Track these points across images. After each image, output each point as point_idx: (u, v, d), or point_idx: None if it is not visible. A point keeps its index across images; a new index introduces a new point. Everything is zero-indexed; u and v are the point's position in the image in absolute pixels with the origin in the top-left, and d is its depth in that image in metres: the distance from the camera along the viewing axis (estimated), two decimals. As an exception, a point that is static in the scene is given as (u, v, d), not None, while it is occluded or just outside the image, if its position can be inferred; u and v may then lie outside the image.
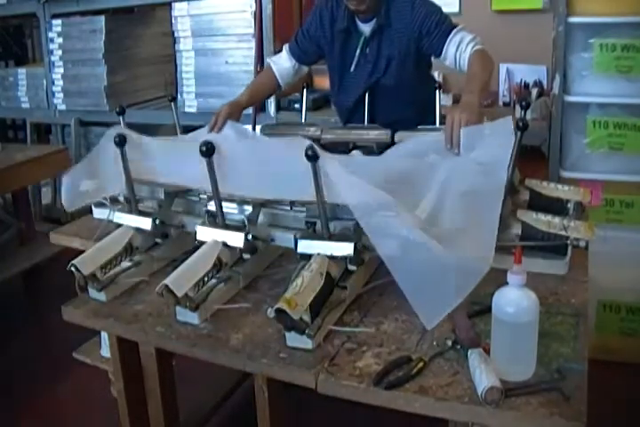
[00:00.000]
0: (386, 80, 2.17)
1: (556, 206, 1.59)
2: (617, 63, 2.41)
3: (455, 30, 2.01)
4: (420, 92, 2.21)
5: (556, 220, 1.44)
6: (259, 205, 1.47)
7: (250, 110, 3.23)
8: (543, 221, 1.44)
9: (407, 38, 2.08)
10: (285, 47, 2.30)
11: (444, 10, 3.12)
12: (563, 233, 1.41)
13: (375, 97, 2.21)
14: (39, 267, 3.38)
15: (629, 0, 2.35)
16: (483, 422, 1.06)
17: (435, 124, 2.09)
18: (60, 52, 3.77)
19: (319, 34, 2.21)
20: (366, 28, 2.12)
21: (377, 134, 2.04)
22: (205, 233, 1.44)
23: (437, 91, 2.14)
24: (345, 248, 1.30)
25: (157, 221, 1.53)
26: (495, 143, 1.48)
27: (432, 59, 2.23)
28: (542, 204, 1.60)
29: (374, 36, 2.11)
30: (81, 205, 1.75)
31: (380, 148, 2.05)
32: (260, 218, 1.48)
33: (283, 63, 2.28)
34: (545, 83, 3.12)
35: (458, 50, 1.99)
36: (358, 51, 2.14)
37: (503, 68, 3.21)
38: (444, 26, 2.02)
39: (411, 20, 2.04)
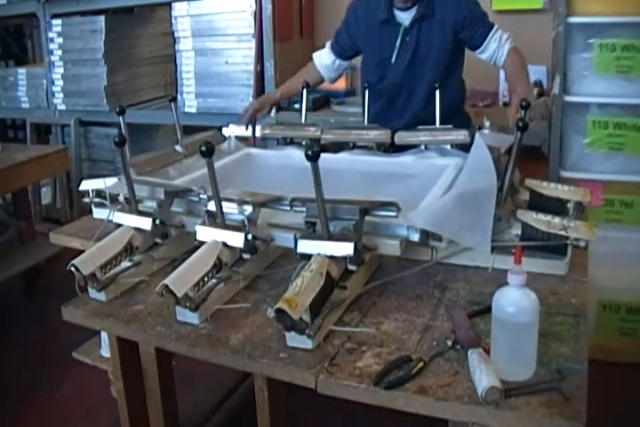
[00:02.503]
0: (424, 70, 2.22)
1: (556, 206, 1.59)
2: (617, 63, 2.41)
3: (495, 27, 2.19)
4: (452, 89, 2.27)
5: (556, 220, 1.44)
6: (259, 205, 1.47)
7: (250, 110, 3.24)
8: (543, 221, 1.44)
9: (451, 27, 2.16)
10: (327, 43, 2.43)
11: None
12: (563, 233, 1.41)
13: (411, 89, 2.27)
14: (39, 267, 3.38)
15: (629, 0, 2.35)
16: (483, 423, 1.06)
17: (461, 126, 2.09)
18: (59, 52, 3.77)
19: (354, 29, 2.29)
20: (405, 18, 2.18)
21: (377, 134, 2.04)
22: (205, 233, 1.44)
23: (437, 91, 2.13)
24: (345, 248, 1.30)
25: (157, 221, 1.52)
26: (474, 162, 1.54)
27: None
28: (542, 204, 1.60)
29: (414, 25, 2.17)
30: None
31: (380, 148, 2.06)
32: (260, 218, 1.48)
33: (324, 59, 2.42)
34: (545, 83, 3.12)
35: (497, 46, 2.18)
36: (399, 40, 2.20)
37: (503, 68, 3.21)
38: (486, 21, 2.20)
39: (455, 9, 2.15)
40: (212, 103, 3.40)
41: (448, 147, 1.94)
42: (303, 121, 2.24)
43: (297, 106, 3.02)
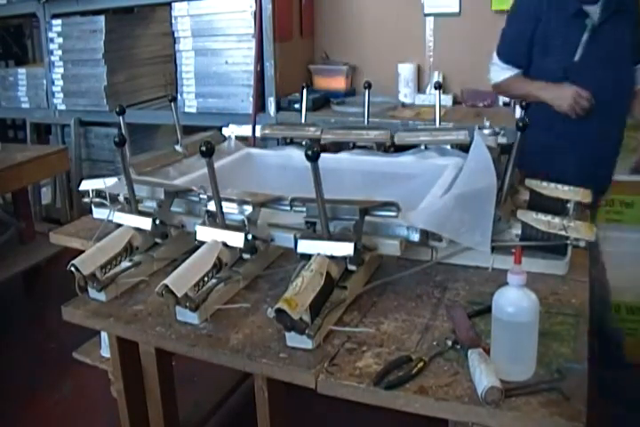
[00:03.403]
0: (620, 73, 2.00)
1: (556, 206, 1.59)
2: (617, 63, 2.40)
3: None
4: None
5: (556, 220, 1.44)
6: (259, 205, 1.47)
7: (250, 110, 3.24)
8: (543, 221, 1.44)
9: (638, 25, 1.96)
10: (493, 62, 2.18)
11: (444, 10, 3.10)
12: (563, 233, 1.41)
13: (607, 101, 1.99)
14: (39, 267, 3.38)
15: (629, 0, 2.35)
16: (483, 423, 1.06)
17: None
18: (59, 52, 3.77)
19: (535, 14, 2.01)
20: (592, 11, 1.93)
21: (377, 134, 2.04)
22: (205, 233, 1.44)
23: (438, 91, 2.13)
24: (345, 248, 1.30)
25: (157, 221, 1.53)
26: (474, 162, 1.55)
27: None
28: (542, 204, 1.60)
29: (605, 21, 1.92)
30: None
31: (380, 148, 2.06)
32: (260, 218, 1.48)
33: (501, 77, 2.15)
34: (545, 83, 3.11)
35: None
36: (585, 36, 1.92)
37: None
38: None
39: (637, 4, 1.96)
40: (211, 103, 3.40)
41: (448, 147, 1.94)
42: (303, 121, 2.23)
43: (297, 106, 3.03)
